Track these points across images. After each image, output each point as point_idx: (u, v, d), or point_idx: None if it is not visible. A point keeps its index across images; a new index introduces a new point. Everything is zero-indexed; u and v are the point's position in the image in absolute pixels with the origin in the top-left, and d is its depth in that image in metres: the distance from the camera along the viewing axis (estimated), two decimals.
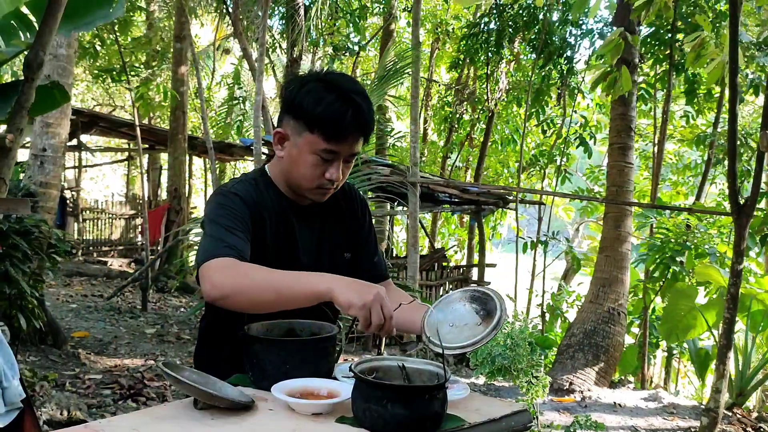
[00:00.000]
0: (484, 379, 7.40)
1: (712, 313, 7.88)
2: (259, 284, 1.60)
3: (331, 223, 1.98)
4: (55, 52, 6.64)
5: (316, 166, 1.78)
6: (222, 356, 1.89)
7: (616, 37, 5.54)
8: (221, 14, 14.82)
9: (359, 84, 1.87)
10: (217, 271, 1.60)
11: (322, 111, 1.73)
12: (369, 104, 1.80)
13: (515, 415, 1.58)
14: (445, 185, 11.38)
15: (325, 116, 1.73)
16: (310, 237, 1.93)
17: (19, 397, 2.05)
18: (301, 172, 1.81)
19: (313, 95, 1.76)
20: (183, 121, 13.48)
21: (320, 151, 1.76)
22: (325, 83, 1.79)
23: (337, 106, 1.73)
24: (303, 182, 1.83)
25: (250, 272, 1.61)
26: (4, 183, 3.27)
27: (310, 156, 1.78)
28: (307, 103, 1.76)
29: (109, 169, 25.51)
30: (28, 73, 3.22)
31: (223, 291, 1.58)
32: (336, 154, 1.78)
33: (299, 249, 1.89)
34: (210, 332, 2.01)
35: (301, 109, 1.77)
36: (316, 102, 1.75)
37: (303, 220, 1.92)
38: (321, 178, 1.80)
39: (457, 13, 16.59)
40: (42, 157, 6.87)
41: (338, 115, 1.73)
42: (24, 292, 5.11)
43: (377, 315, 1.51)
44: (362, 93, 1.80)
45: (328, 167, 1.79)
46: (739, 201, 4.61)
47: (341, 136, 1.75)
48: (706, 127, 12.37)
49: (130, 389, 5.49)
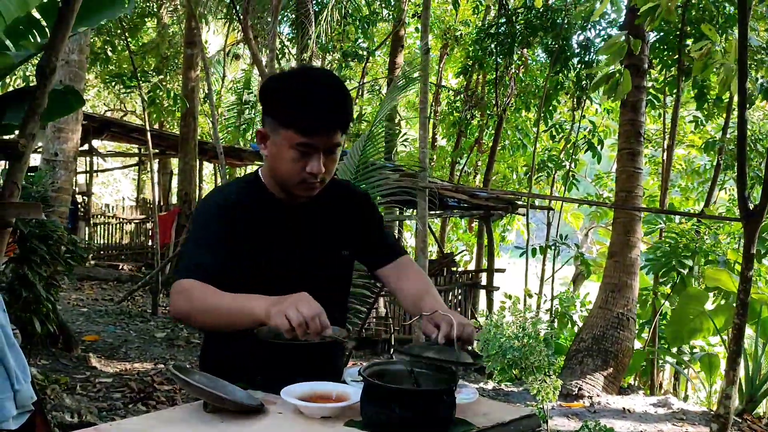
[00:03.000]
0: (493, 383, 7.41)
1: (720, 318, 7.85)
2: (210, 309, 1.67)
3: (326, 221, 1.97)
4: (67, 58, 6.69)
5: (296, 161, 1.78)
6: (227, 355, 1.90)
7: (620, 40, 5.53)
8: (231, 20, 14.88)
9: (335, 77, 1.86)
10: (180, 295, 1.70)
11: (294, 105, 1.75)
12: (342, 95, 1.79)
13: (524, 419, 1.59)
14: (454, 190, 11.36)
15: (297, 110, 1.74)
16: (302, 236, 1.92)
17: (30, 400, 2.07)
18: (283, 168, 1.82)
19: (286, 91, 1.78)
20: (193, 127, 13.53)
21: (297, 146, 1.76)
22: (298, 78, 1.81)
23: (309, 100, 1.74)
24: (287, 178, 1.83)
25: (205, 297, 1.68)
26: (16, 187, 3.30)
27: (289, 151, 1.78)
28: (280, 100, 1.78)
29: (120, 173, 25.63)
30: (40, 79, 3.24)
31: (182, 314, 1.71)
32: (313, 148, 1.77)
33: (290, 248, 1.89)
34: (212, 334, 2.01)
35: (276, 106, 1.79)
36: (288, 97, 1.76)
37: (294, 220, 1.92)
38: (303, 173, 1.79)
39: (466, 19, 16.59)
40: (54, 162, 6.92)
41: (310, 108, 1.73)
42: (39, 296, 5.14)
43: (295, 316, 1.52)
44: (335, 85, 1.80)
45: (308, 161, 1.78)
46: (748, 206, 4.59)
47: (315, 129, 1.75)
48: (715, 132, 12.33)
49: (140, 393, 5.50)
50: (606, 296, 7.94)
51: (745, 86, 4.34)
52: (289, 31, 14.81)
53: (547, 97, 11.91)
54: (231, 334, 1.80)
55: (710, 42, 5.35)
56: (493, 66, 13.18)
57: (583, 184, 16.73)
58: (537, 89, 13.41)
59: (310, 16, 12.00)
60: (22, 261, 5.14)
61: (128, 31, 14.25)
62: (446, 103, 17.29)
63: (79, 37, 6.73)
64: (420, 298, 1.93)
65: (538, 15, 11.49)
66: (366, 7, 14.30)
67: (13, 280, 5.12)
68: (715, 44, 5.43)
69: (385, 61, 18.05)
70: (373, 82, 18.31)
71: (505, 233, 18.11)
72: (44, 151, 7.11)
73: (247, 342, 1.71)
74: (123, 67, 16.26)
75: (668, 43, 9.17)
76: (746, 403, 7.00)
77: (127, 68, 15.06)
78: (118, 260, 16.40)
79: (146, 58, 16.78)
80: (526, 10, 11.81)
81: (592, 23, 11.15)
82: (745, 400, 7.01)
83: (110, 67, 16.61)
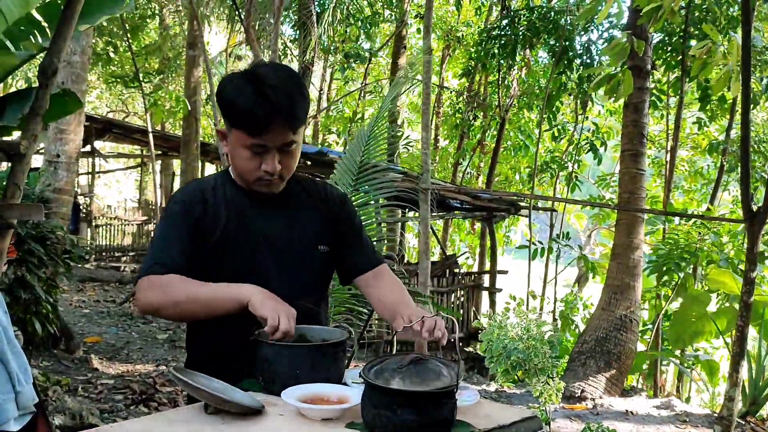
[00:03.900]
0: (495, 385, 7.40)
1: (723, 320, 7.83)
2: (181, 297, 1.72)
3: (301, 216, 1.95)
4: (69, 59, 6.69)
5: (250, 160, 1.78)
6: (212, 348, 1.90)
7: (622, 41, 5.52)
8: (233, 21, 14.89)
9: (286, 73, 1.82)
10: (145, 290, 1.75)
11: (240, 106, 1.73)
12: (290, 92, 1.75)
13: (525, 421, 1.58)
14: (456, 192, 11.36)
15: (242, 111, 1.73)
16: (276, 229, 1.91)
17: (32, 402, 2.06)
18: (240, 166, 1.82)
19: (233, 91, 1.76)
20: (195, 128, 13.53)
21: (248, 146, 1.76)
22: (246, 77, 1.78)
23: (253, 100, 1.71)
24: (245, 176, 1.84)
25: (172, 288, 1.72)
26: (18, 188, 3.30)
27: (243, 151, 1.78)
28: (228, 100, 1.77)
29: (122, 174, 25.66)
30: (42, 80, 3.24)
31: (153, 306, 1.75)
32: (264, 147, 1.76)
33: (262, 240, 1.88)
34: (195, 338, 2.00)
35: (226, 106, 1.79)
36: (235, 98, 1.75)
37: (265, 213, 1.91)
38: (258, 171, 1.79)
39: (468, 20, 16.59)
40: (56, 163, 6.92)
41: (254, 109, 1.71)
42: (39, 297, 5.14)
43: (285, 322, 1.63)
44: (282, 85, 1.75)
45: (263, 160, 1.78)
46: (752, 208, 4.59)
47: (262, 130, 1.73)
48: (719, 133, 12.31)
49: (142, 394, 5.50)
50: (609, 298, 7.93)
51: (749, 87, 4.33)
52: (291, 32, 14.82)
53: (549, 99, 11.90)
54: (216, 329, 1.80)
55: (711, 42, 5.34)
56: (496, 67, 13.17)
57: (585, 185, 16.73)
58: (540, 90, 13.40)
59: (313, 17, 12.00)
60: (20, 263, 5.13)
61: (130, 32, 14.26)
62: (449, 104, 17.28)
63: (81, 38, 6.73)
64: (396, 305, 1.92)
65: (540, 16, 11.47)
66: (368, 8, 14.30)
67: (12, 281, 5.12)
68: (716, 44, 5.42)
69: (387, 62, 18.06)
70: (375, 84, 18.32)
71: (509, 234, 18.10)
72: (46, 152, 7.11)
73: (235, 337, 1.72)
74: (125, 68, 16.29)
75: (671, 44, 9.15)
76: (749, 405, 6.98)
77: (129, 69, 15.09)
78: (120, 261, 16.42)
79: (148, 60, 16.81)
80: (529, 12, 11.80)
81: (594, 25, 11.15)
82: (748, 402, 6.99)
83: (112, 69, 16.64)
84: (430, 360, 1.48)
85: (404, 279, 5.09)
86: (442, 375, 1.43)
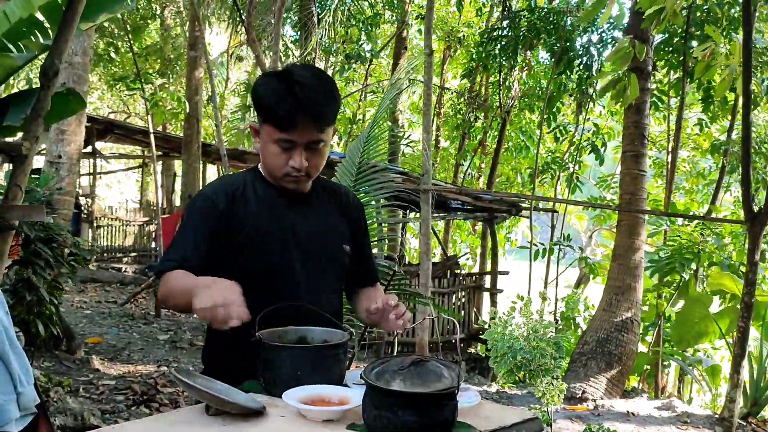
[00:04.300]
0: (496, 386, 7.39)
1: (725, 321, 7.82)
2: (176, 292, 1.76)
3: (327, 215, 2.01)
4: (71, 60, 6.70)
5: (279, 155, 1.85)
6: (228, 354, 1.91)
7: (626, 45, 5.52)
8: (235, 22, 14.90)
9: (317, 74, 1.89)
10: (161, 285, 1.84)
11: (270, 102, 1.81)
12: (319, 92, 1.81)
13: (526, 422, 1.58)
14: (457, 192, 11.36)
15: (272, 107, 1.81)
16: (303, 225, 1.94)
17: (33, 402, 2.06)
18: (269, 162, 1.89)
19: (266, 88, 1.85)
20: (197, 129, 13.54)
21: (277, 141, 1.83)
22: (279, 75, 1.86)
23: (284, 96, 1.78)
24: (274, 171, 1.90)
25: (173, 283, 1.78)
26: (19, 190, 3.30)
27: (272, 146, 1.85)
28: (260, 96, 1.85)
29: (123, 175, 25.66)
30: (43, 81, 3.25)
31: (161, 298, 1.85)
32: (292, 143, 1.83)
33: (290, 236, 1.92)
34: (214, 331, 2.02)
35: (257, 103, 1.87)
36: (266, 94, 1.83)
37: (294, 210, 1.95)
38: (286, 167, 1.85)
39: (469, 21, 16.59)
40: (57, 164, 6.93)
41: (283, 104, 1.78)
42: (43, 298, 5.14)
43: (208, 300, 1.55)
44: (314, 83, 1.82)
45: (290, 156, 1.84)
46: (753, 209, 4.59)
47: (289, 125, 1.80)
48: (720, 133, 12.30)
49: (143, 395, 5.50)
50: (610, 299, 7.92)
51: (750, 88, 4.33)
52: (292, 33, 14.83)
53: (550, 99, 11.89)
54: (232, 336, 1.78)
55: (713, 43, 5.34)
56: (497, 68, 13.16)
57: (586, 186, 16.72)
58: (540, 91, 13.39)
59: (313, 18, 12.01)
60: (25, 264, 5.14)
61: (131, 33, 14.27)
62: (449, 105, 17.28)
63: (82, 39, 6.74)
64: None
65: (541, 17, 11.47)
66: (369, 9, 14.30)
67: (16, 282, 5.12)
68: (718, 45, 5.42)
69: (388, 63, 18.05)
70: (376, 84, 18.31)
71: (510, 235, 18.09)
72: (47, 153, 7.12)
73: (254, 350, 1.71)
74: (126, 69, 16.30)
75: (673, 45, 9.14)
76: (751, 406, 6.97)
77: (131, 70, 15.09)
78: (121, 262, 16.42)
79: (149, 61, 16.81)
80: (530, 13, 11.79)
81: (595, 27, 11.14)
82: (749, 403, 6.98)
83: (114, 69, 16.66)
84: (431, 361, 1.49)
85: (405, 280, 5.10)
86: (443, 376, 1.43)
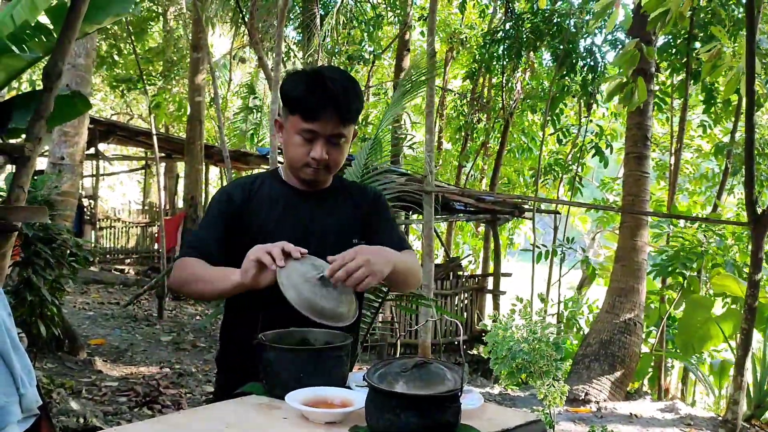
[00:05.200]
0: (498, 388, 7.39)
1: (729, 324, 7.80)
2: (197, 278, 1.88)
3: (339, 209, 2.10)
4: (74, 62, 6.71)
5: (301, 146, 1.95)
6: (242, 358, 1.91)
7: (632, 48, 5.51)
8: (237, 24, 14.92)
9: (345, 74, 2.02)
10: (176, 269, 1.94)
11: (298, 93, 1.93)
12: (346, 87, 1.93)
13: (529, 425, 1.57)
14: (460, 194, 11.35)
15: (299, 97, 1.92)
16: (315, 220, 2.05)
17: (36, 404, 2.06)
18: (291, 152, 1.99)
19: (294, 81, 1.97)
20: (199, 130, 13.55)
21: (301, 131, 1.93)
22: (308, 71, 1.99)
23: (311, 88, 1.90)
24: (294, 162, 2.00)
25: (193, 269, 1.90)
26: (22, 191, 3.30)
27: (295, 136, 1.95)
28: (288, 89, 1.97)
29: (126, 177, 25.69)
30: (46, 83, 3.25)
31: (176, 284, 1.93)
32: (315, 134, 1.93)
33: (301, 230, 2.01)
34: (227, 335, 2.14)
35: (286, 95, 1.97)
36: (294, 86, 1.95)
37: (307, 205, 2.06)
38: (306, 157, 1.95)
39: (471, 23, 16.59)
40: (60, 165, 6.93)
41: (312, 96, 1.90)
42: (44, 299, 5.15)
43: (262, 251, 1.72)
44: (341, 79, 1.94)
45: (312, 147, 1.94)
46: (756, 211, 4.57)
47: (315, 116, 1.90)
48: (723, 135, 12.28)
49: (146, 397, 5.51)
50: (613, 301, 7.91)
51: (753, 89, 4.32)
52: (295, 35, 14.84)
53: (553, 101, 11.88)
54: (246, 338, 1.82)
55: (720, 44, 5.33)
56: (500, 69, 13.16)
57: (589, 188, 16.70)
58: (543, 93, 13.38)
59: (316, 20, 12.02)
60: (26, 264, 5.14)
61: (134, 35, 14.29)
62: (452, 106, 17.28)
63: (85, 41, 6.75)
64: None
65: (544, 19, 11.46)
66: (372, 11, 14.30)
67: (18, 283, 5.12)
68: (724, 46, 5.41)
69: (391, 65, 18.06)
70: (378, 86, 18.32)
71: (513, 236, 18.07)
72: (50, 154, 7.13)
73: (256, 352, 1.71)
74: (129, 71, 16.32)
75: (676, 46, 9.13)
76: (754, 408, 6.96)
77: (134, 72, 15.12)
78: (124, 264, 16.44)
79: (152, 62, 16.84)
80: (533, 15, 11.79)
81: (600, 29, 11.13)
82: (753, 406, 6.97)
83: (116, 71, 16.67)
84: (434, 363, 1.48)
85: None
86: (446, 378, 1.43)
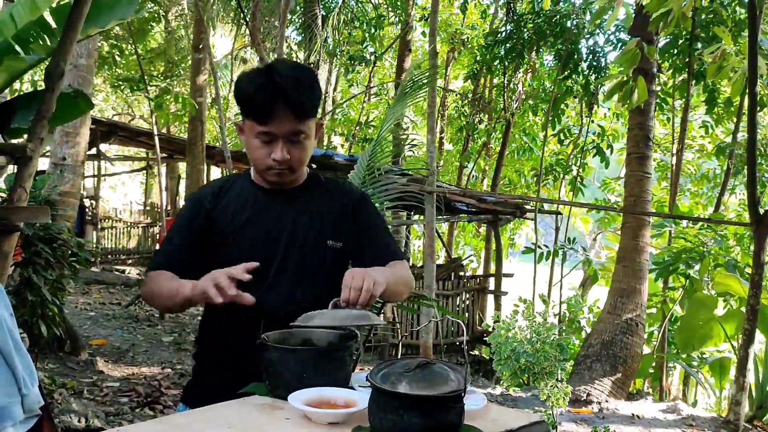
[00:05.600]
0: (501, 389, 7.38)
1: (731, 324, 7.79)
2: (161, 292, 1.87)
3: (313, 211, 1.98)
4: (76, 62, 6.70)
5: (260, 149, 1.86)
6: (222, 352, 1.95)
7: (633, 47, 5.51)
8: (239, 24, 14.93)
9: (296, 66, 1.95)
10: (145, 283, 1.95)
11: (248, 95, 1.83)
12: (297, 80, 1.81)
13: (533, 425, 1.57)
14: (461, 194, 11.35)
15: (250, 100, 1.82)
16: (285, 222, 1.95)
17: (38, 404, 2.06)
18: (252, 156, 1.90)
19: (245, 83, 1.85)
20: (201, 131, 13.56)
21: (258, 134, 1.84)
22: (258, 71, 1.87)
23: (261, 89, 1.79)
24: (257, 165, 1.91)
25: (156, 284, 1.89)
26: (24, 191, 3.31)
27: (254, 140, 1.86)
28: (240, 91, 1.86)
29: (127, 177, 25.70)
30: (48, 83, 3.25)
31: (146, 299, 1.96)
32: (272, 135, 1.83)
33: (271, 233, 1.93)
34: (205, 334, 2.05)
35: (238, 97, 1.87)
36: (245, 88, 1.84)
37: (277, 208, 1.96)
38: (268, 159, 1.86)
39: (473, 23, 16.58)
40: (62, 165, 6.93)
41: (260, 97, 1.79)
42: (45, 299, 5.15)
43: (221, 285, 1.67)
44: (290, 74, 1.82)
45: (272, 149, 1.84)
46: (758, 211, 4.57)
47: (268, 117, 1.80)
48: (725, 135, 12.27)
49: (148, 397, 5.51)
50: (615, 301, 7.90)
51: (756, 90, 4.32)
52: (296, 35, 14.84)
53: (555, 101, 11.87)
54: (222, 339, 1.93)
55: (723, 45, 5.32)
56: (501, 70, 13.15)
57: (591, 188, 16.68)
58: (545, 93, 13.37)
59: (317, 20, 12.02)
60: (27, 265, 5.14)
61: (136, 35, 14.30)
62: (453, 107, 17.28)
63: (87, 42, 6.75)
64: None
65: (546, 20, 11.44)
66: (373, 11, 14.30)
67: (19, 283, 5.12)
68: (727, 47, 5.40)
69: (392, 65, 18.06)
70: (380, 86, 18.32)
71: (514, 237, 18.07)
72: (52, 155, 7.13)
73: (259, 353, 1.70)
74: (131, 71, 16.33)
75: (678, 46, 9.12)
76: (756, 409, 6.95)
77: (135, 72, 15.12)
78: (125, 264, 16.44)
79: (154, 63, 16.84)
80: (535, 15, 11.78)
81: (602, 30, 11.11)
82: (755, 406, 6.96)
83: (118, 71, 16.68)
84: (437, 364, 1.48)
85: None
86: (450, 379, 1.42)
